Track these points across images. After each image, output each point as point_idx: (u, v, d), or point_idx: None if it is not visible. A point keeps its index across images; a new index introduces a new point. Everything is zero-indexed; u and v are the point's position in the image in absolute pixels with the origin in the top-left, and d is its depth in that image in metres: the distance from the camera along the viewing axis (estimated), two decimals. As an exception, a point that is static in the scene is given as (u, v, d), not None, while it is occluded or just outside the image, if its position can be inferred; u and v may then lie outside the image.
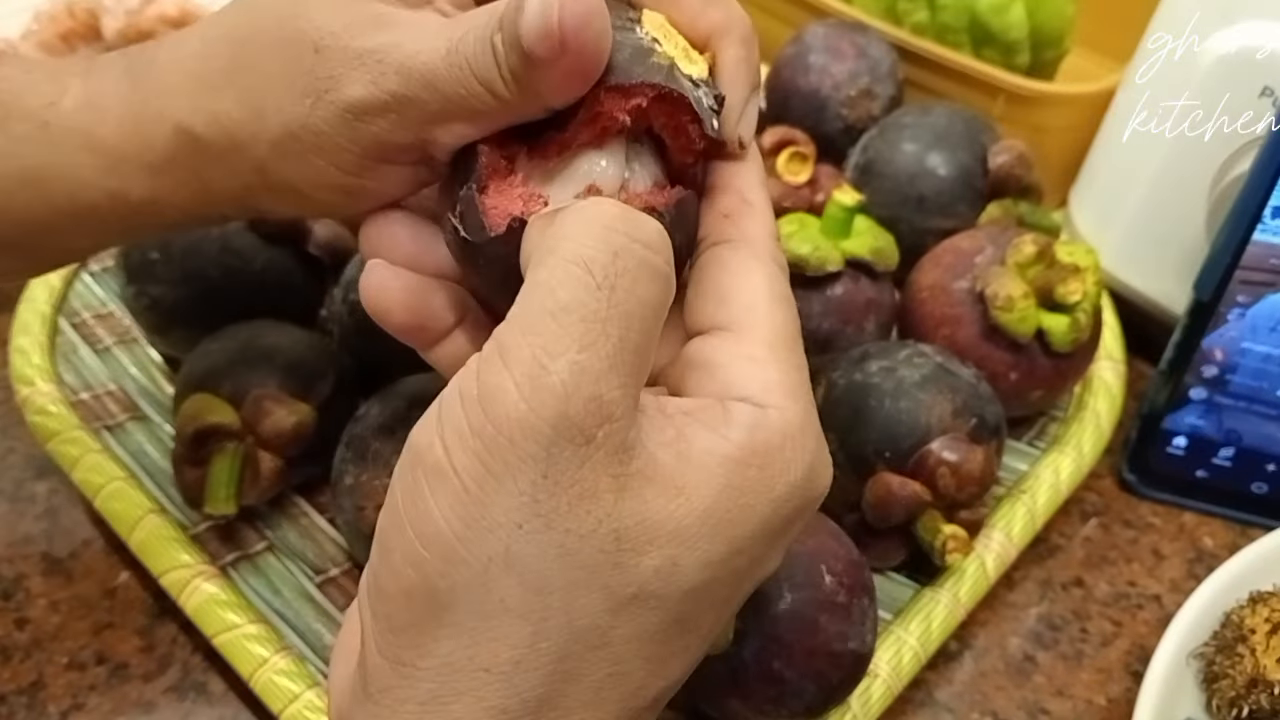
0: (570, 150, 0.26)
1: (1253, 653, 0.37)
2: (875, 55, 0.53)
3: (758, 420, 0.23)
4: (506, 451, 0.20)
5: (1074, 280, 0.42)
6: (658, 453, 0.22)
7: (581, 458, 0.20)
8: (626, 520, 0.21)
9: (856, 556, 0.35)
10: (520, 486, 0.20)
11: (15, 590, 0.41)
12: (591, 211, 0.22)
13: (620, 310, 0.21)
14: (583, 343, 0.20)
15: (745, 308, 0.25)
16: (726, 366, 0.24)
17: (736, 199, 0.27)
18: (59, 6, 0.63)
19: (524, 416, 0.20)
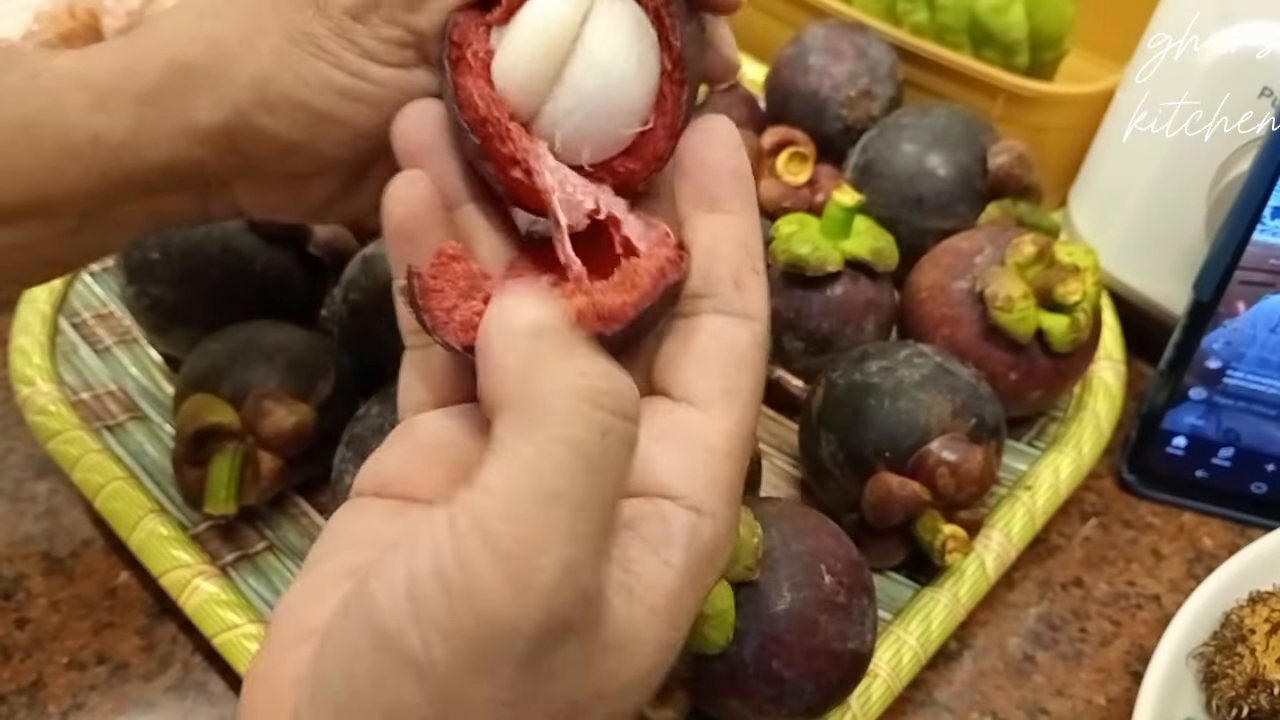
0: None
1: (1252, 653, 0.37)
2: (875, 56, 0.53)
3: (695, 532, 0.24)
4: (489, 651, 0.20)
5: (1073, 280, 0.42)
6: (615, 606, 0.22)
7: (561, 643, 0.20)
8: (584, 695, 0.22)
9: (856, 556, 0.35)
10: (499, 681, 0.20)
11: (15, 590, 0.41)
12: (578, 385, 0.21)
13: (607, 493, 0.21)
14: (572, 534, 0.20)
15: (727, 392, 0.25)
16: (683, 449, 0.24)
17: (749, 266, 0.26)
18: (59, 6, 0.63)
19: (512, 619, 0.19)
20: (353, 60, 0.28)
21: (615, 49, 0.26)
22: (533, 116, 0.27)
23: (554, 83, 0.26)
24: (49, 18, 0.63)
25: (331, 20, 0.28)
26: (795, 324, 0.45)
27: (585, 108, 0.26)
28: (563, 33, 0.26)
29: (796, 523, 0.35)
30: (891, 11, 0.59)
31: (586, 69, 0.26)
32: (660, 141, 0.27)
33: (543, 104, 0.26)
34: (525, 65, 0.26)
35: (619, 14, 0.27)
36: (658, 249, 0.26)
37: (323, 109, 0.29)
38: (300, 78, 0.28)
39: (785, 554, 0.33)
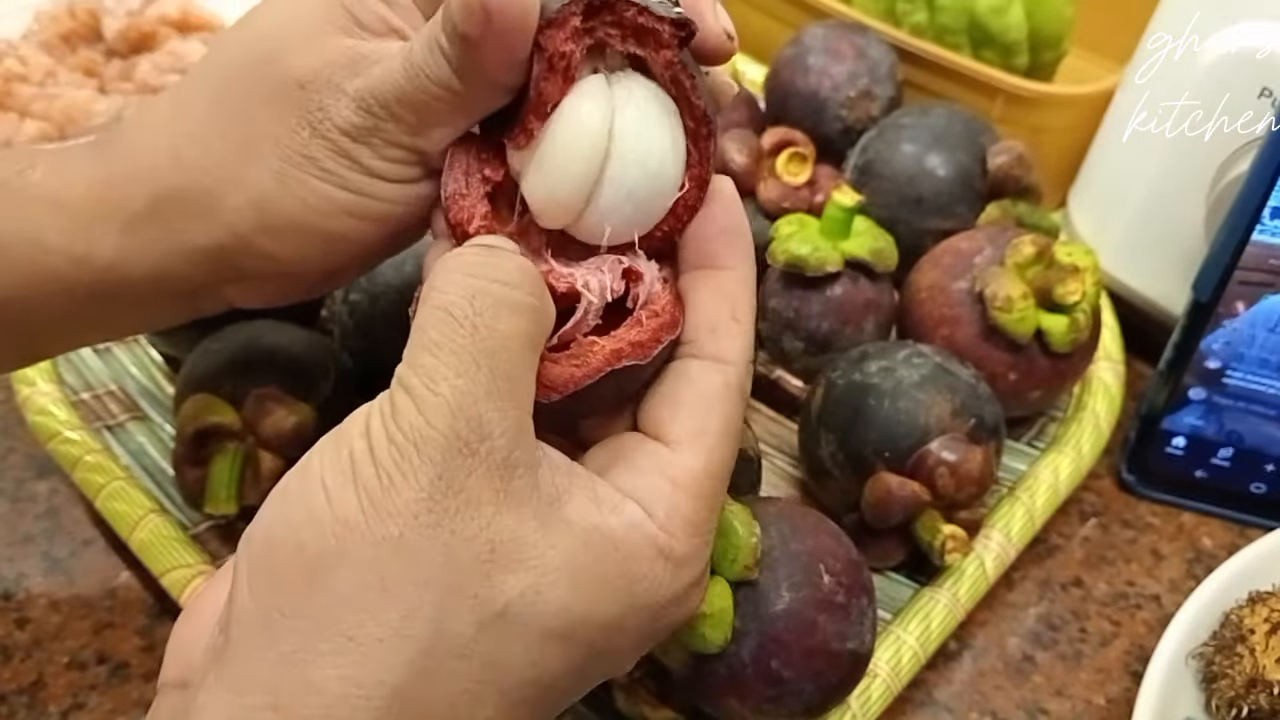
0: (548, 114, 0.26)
1: (1252, 653, 0.37)
2: (874, 56, 0.53)
3: (641, 526, 0.25)
4: (412, 455, 0.23)
5: (1073, 281, 0.42)
6: (542, 488, 0.24)
7: (469, 468, 0.23)
8: (503, 533, 0.23)
9: (855, 556, 0.35)
10: (421, 484, 0.23)
11: (16, 590, 0.41)
12: (453, 262, 0.25)
13: (485, 344, 0.24)
14: (458, 371, 0.23)
15: (695, 433, 0.26)
16: (647, 477, 0.26)
17: (727, 314, 0.28)
18: (59, 7, 0.64)
19: (422, 427, 0.23)
20: (357, 179, 0.28)
21: (649, 139, 0.27)
22: (575, 221, 0.27)
23: (595, 186, 0.27)
24: (49, 18, 0.63)
25: (330, 141, 0.28)
26: (795, 324, 0.45)
27: (632, 201, 0.27)
28: (598, 141, 0.26)
29: (796, 522, 0.35)
30: (891, 12, 0.59)
31: (626, 167, 0.27)
32: (693, 196, 0.28)
33: (586, 208, 0.27)
34: (568, 181, 0.26)
35: (640, 99, 0.27)
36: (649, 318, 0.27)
37: (331, 230, 0.29)
38: (303, 201, 0.28)
39: (784, 554, 0.33)
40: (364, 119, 0.27)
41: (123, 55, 0.63)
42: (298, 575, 0.22)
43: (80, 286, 0.29)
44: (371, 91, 0.27)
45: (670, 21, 0.27)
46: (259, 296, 0.32)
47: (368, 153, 0.28)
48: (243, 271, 0.30)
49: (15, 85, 0.58)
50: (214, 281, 0.31)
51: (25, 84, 0.59)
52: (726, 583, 0.33)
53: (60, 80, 0.60)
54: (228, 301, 0.32)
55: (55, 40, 0.62)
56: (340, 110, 0.27)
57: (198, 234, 0.29)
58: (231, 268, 0.30)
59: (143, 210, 0.29)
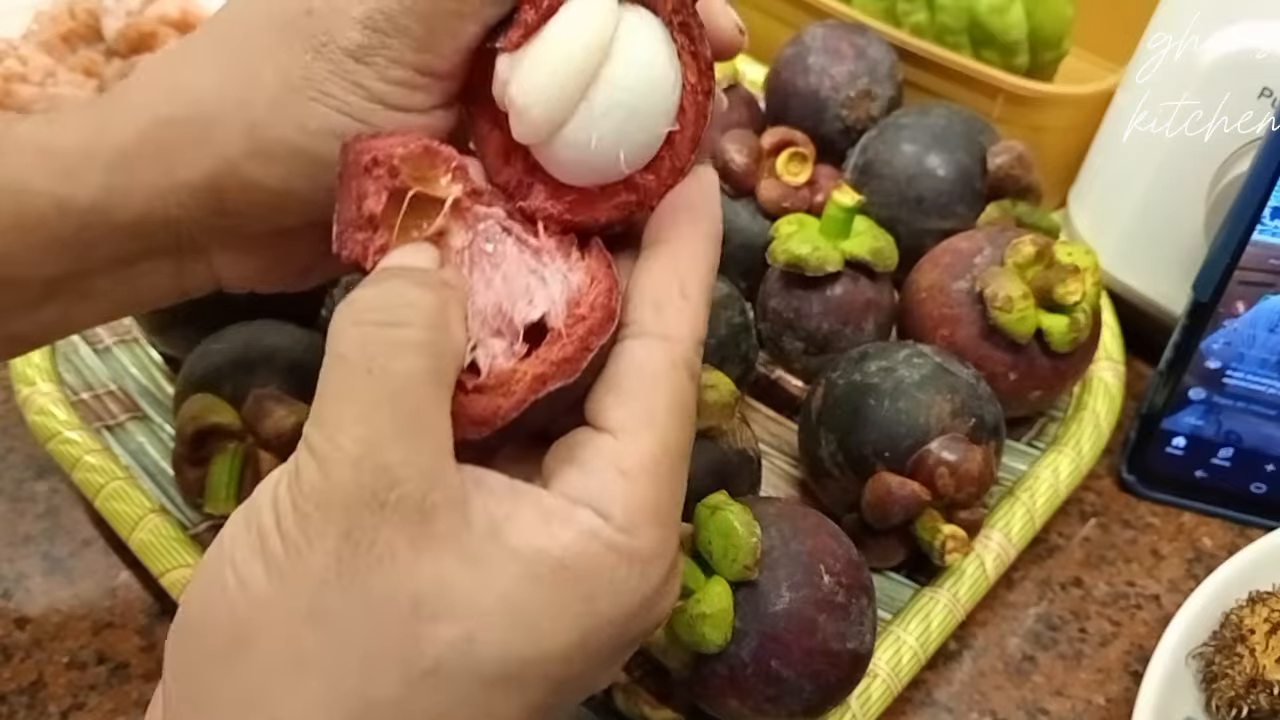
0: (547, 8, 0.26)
1: (1252, 653, 0.37)
2: (874, 56, 0.53)
3: (595, 533, 0.23)
4: (316, 518, 0.22)
5: (1073, 281, 0.42)
6: (474, 523, 0.23)
7: (378, 522, 0.22)
8: (424, 584, 0.22)
9: (855, 556, 0.35)
10: (327, 547, 0.22)
11: (15, 590, 0.41)
12: (345, 309, 0.24)
13: (384, 388, 0.23)
14: (357, 419, 0.22)
15: (640, 415, 0.25)
16: (597, 474, 0.24)
17: (674, 288, 0.26)
18: (59, 7, 0.63)
19: (323, 487, 0.22)
20: (359, 104, 0.27)
21: (653, 48, 0.26)
22: (558, 131, 0.26)
23: (590, 86, 0.26)
24: (49, 18, 0.63)
25: (333, 63, 0.27)
26: (795, 324, 0.45)
27: (625, 105, 0.26)
28: (599, 39, 0.26)
29: (796, 522, 0.35)
30: (891, 12, 0.59)
31: (627, 65, 0.26)
32: (681, 153, 0.27)
33: (573, 116, 0.26)
34: (561, 76, 0.25)
35: (647, 19, 0.26)
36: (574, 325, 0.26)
37: (323, 154, 0.27)
38: (300, 125, 0.27)
39: (784, 554, 0.33)
40: (368, 37, 0.27)
41: (123, 55, 0.63)
42: (215, 660, 0.22)
43: (62, 236, 0.28)
44: (378, 6, 0.27)
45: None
46: (242, 269, 0.31)
47: (371, 74, 0.27)
48: (231, 215, 0.29)
49: (15, 85, 0.58)
50: (199, 233, 0.29)
51: (25, 84, 0.59)
52: (726, 583, 0.33)
53: (60, 80, 0.60)
54: (213, 276, 0.31)
55: (55, 40, 0.62)
56: (345, 32, 0.27)
57: (187, 165, 0.28)
58: (217, 209, 0.29)
59: (132, 143, 0.28)
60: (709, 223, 0.27)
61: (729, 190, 0.48)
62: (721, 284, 0.44)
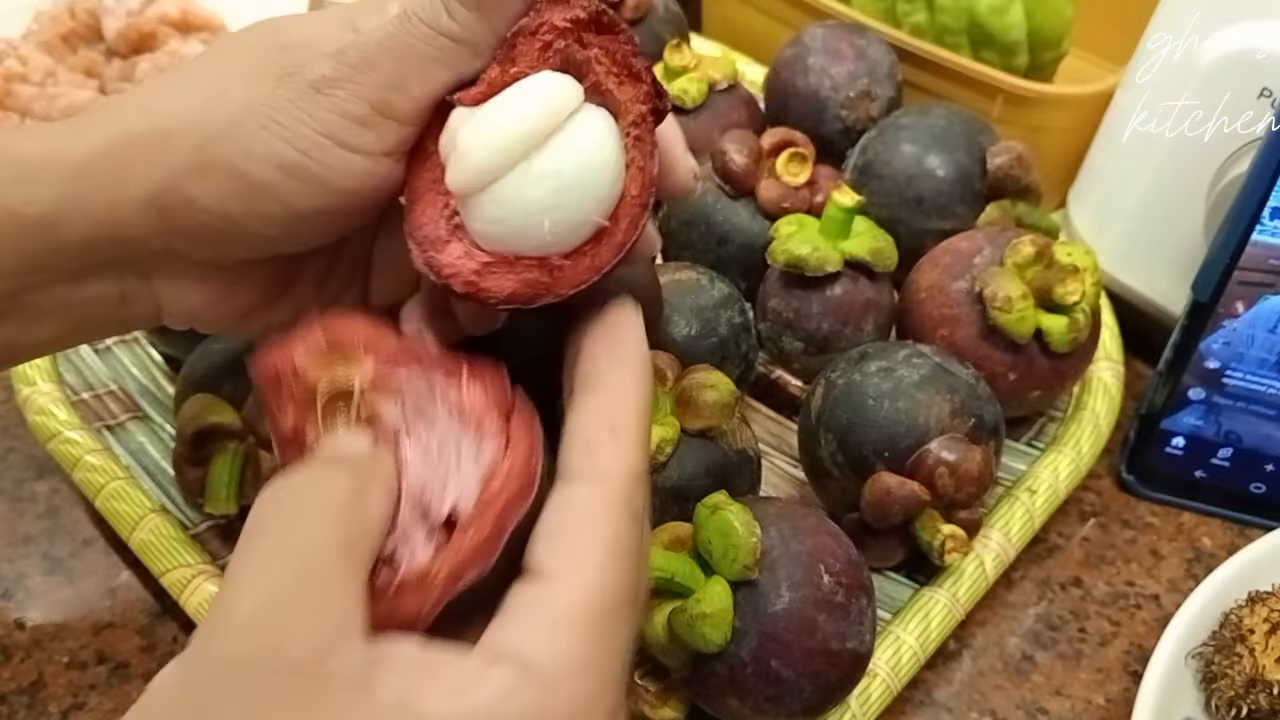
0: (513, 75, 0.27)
1: (1251, 653, 0.37)
2: (874, 56, 0.53)
3: (512, 689, 0.21)
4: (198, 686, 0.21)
5: (1072, 281, 0.42)
6: (377, 695, 0.21)
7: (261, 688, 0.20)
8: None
9: (855, 556, 0.35)
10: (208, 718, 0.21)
11: (16, 590, 0.41)
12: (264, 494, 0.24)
13: (283, 551, 0.22)
14: (252, 584, 0.22)
15: (571, 560, 0.23)
16: (523, 621, 0.22)
17: (604, 428, 0.25)
18: (60, 7, 0.64)
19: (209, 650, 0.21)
20: (306, 135, 0.27)
21: (603, 140, 0.27)
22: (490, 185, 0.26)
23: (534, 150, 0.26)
24: (49, 18, 0.63)
25: (293, 91, 0.27)
26: (794, 324, 0.45)
27: (562, 177, 0.26)
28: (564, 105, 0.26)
29: (796, 522, 0.35)
30: (891, 12, 0.59)
31: (574, 143, 0.26)
32: (603, 255, 0.27)
33: (509, 174, 0.26)
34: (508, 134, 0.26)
35: (606, 118, 0.27)
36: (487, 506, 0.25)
37: (259, 181, 0.27)
38: (244, 147, 0.27)
39: (784, 553, 0.34)
40: (336, 69, 0.27)
41: (123, 55, 0.63)
42: None
43: (11, 244, 0.28)
44: (353, 43, 0.27)
45: (655, 81, 0.27)
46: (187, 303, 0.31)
47: (327, 106, 0.27)
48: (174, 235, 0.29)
49: (15, 85, 0.58)
50: (145, 256, 0.29)
51: (25, 84, 0.59)
52: (726, 582, 0.33)
53: (60, 80, 0.60)
54: (157, 308, 0.31)
55: (55, 40, 0.62)
56: (314, 64, 0.27)
57: (137, 179, 0.28)
58: (159, 229, 0.29)
59: (93, 155, 0.28)
60: (635, 359, 0.26)
61: (729, 190, 0.48)
62: (721, 284, 0.44)
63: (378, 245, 0.34)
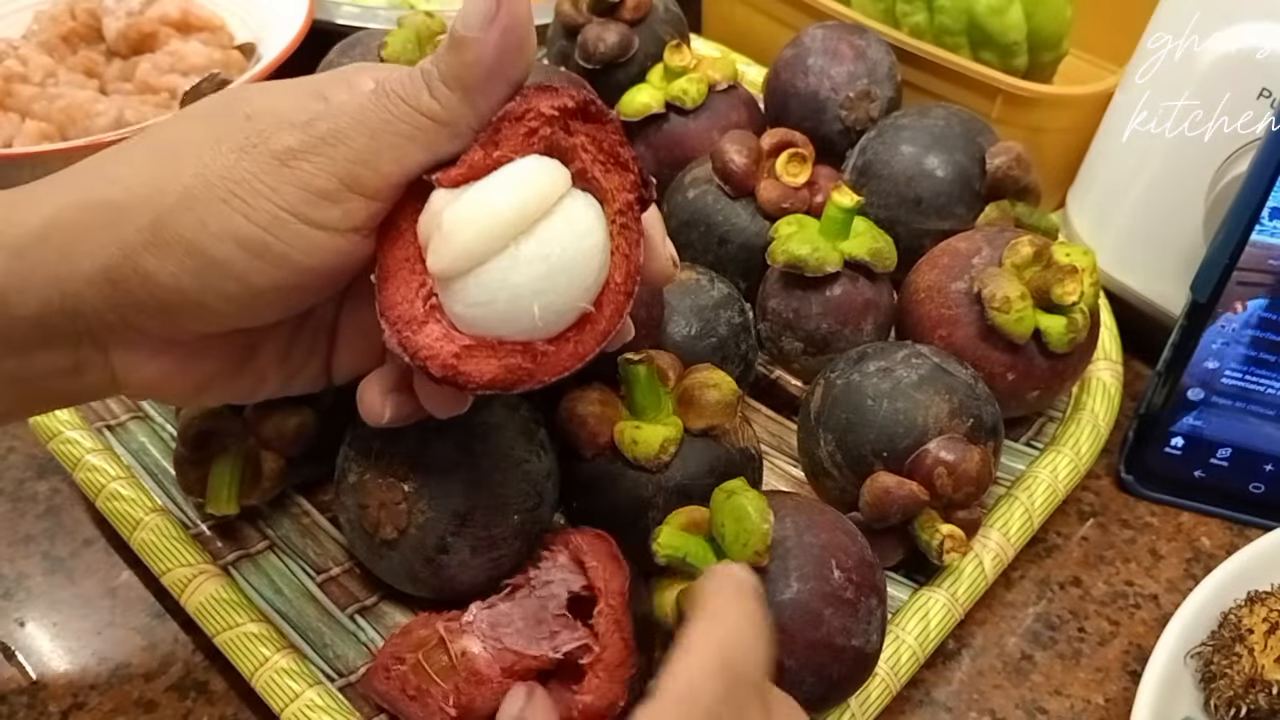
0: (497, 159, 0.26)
1: (1250, 652, 0.37)
2: (874, 57, 0.53)
3: None
4: None
5: (1071, 281, 0.42)
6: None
7: None
8: None
9: (869, 556, 0.35)
10: None
11: (16, 589, 0.42)
12: None
13: None
14: None
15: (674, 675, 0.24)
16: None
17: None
18: (60, 7, 0.64)
19: None
20: (266, 210, 0.26)
21: (590, 225, 0.27)
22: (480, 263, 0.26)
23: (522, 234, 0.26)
24: (49, 18, 0.63)
25: (256, 164, 0.26)
26: (794, 324, 0.45)
27: (550, 262, 0.26)
28: (552, 190, 0.26)
29: (812, 516, 0.35)
30: (890, 13, 0.59)
31: (563, 228, 0.26)
32: (587, 342, 0.27)
33: (502, 252, 0.26)
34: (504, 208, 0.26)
35: (593, 204, 0.27)
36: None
37: (218, 258, 0.26)
38: (201, 221, 0.26)
39: (797, 544, 0.34)
40: (303, 140, 0.26)
41: (123, 56, 0.63)
42: None
43: None
44: (322, 114, 0.26)
45: (641, 170, 0.27)
46: (142, 375, 0.30)
47: (291, 180, 0.26)
48: (128, 310, 0.28)
49: (16, 85, 0.59)
50: (98, 328, 0.28)
51: (26, 84, 0.59)
52: None
53: (61, 81, 0.60)
54: (113, 379, 0.30)
55: (56, 41, 0.63)
56: (280, 135, 0.26)
57: (87, 254, 0.27)
58: (114, 303, 0.27)
59: (39, 228, 0.27)
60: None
61: (729, 191, 0.48)
62: (721, 284, 0.44)
63: (343, 317, 0.33)
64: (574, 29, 0.56)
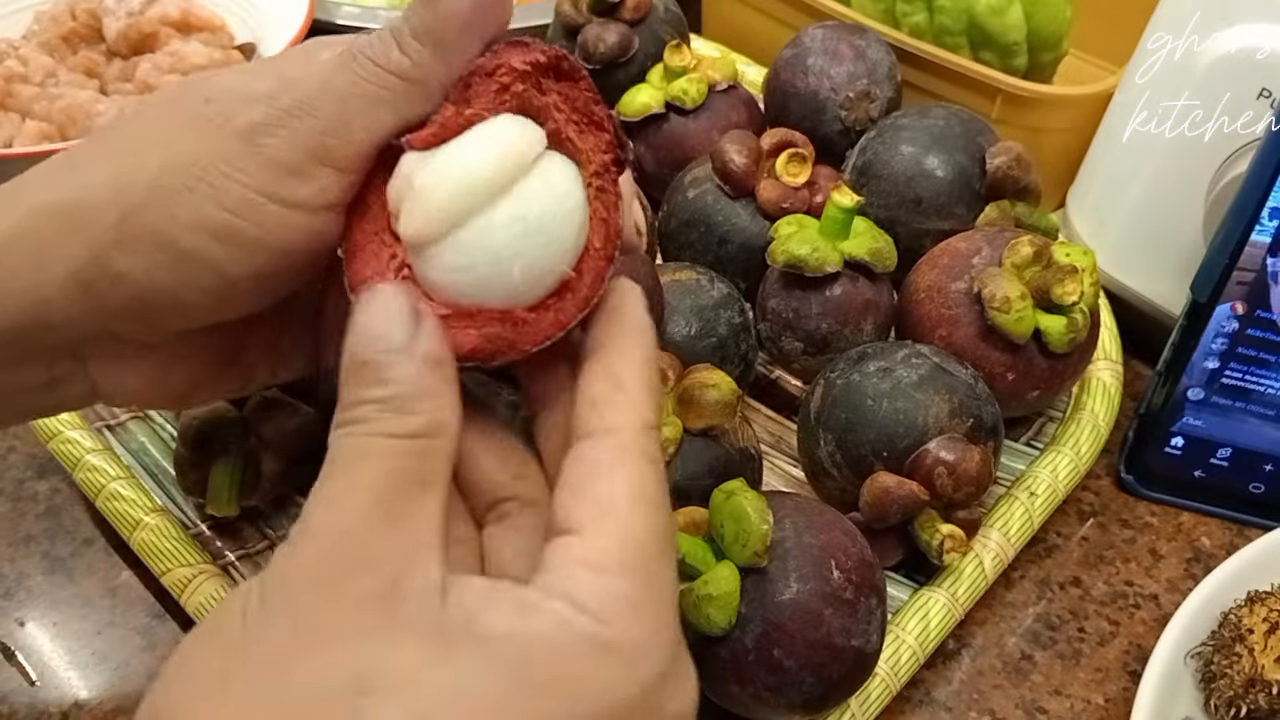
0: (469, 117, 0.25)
1: (1250, 652, 0.37)
2: (874, 57, 0.53)
3: (569, 622, 0.22)
4: (276, 597, 0.22)
5: (1071, 281, 0.42)
6: (449, 612, 0.22)
7: (337, 603, 0.21)
8: (373, 662, 0.21)
9: (869, 557, 0.35)
10: (282, 624, 0.21)
11: (16, 589, 0.42)
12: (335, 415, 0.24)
13: (360, 481, 0.22)
14: (328, 506, 0.22)
15: (597, 509, 0.24)
16: (565, 571, 0.23)
17: (609, 384, 0.25)
18: (60, 7, 0.64)
19: (287, 566, 0.22)
20: (236, 193, 0.25)
21: (567, 186, 0.26)
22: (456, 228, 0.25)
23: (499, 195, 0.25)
24: (50, 18, 0.63)
25: (219, 143, 0.25)
26: (794, 324, 0.45)
27: (529, 222, 0.25)
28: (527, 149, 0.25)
29: (812, 517, 0.35)
30: (890, 13, 0.59)
31: (540, 188, 0.25)
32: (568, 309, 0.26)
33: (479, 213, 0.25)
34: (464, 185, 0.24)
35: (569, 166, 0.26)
36: None
37: (189, 249, 0.25)
38: (169, 213, 0.25)
39: (796, 545, 0.34)
40: (267, 114, 0.25)
41: (123, 56, 0.63)
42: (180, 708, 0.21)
43: None
44: (285, 85, 0.25)
45: (617, 130, 0.26)
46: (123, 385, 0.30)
47: (259, 158, 0.25)
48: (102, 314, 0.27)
49: (16, 86, 0.59)
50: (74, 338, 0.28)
51: (26, 84, 0.59)
52: (735, 567, 0.33)
53: (61, 81, 0.60)
54: (92, 390, 0.29)
55: (56, 41, 0.63)
56: (243, 109, 0.25)
57: (58, 258, 0.26)
58: (87, 308, 0.26)
59: (7, 236, 0.26)
60: (634, 320, 0.26)
61: (729, 191, 0.48)
62: (721, 284, 0.44)
63: (327, 302, 0.32)
64: (574, 29, 0.56)
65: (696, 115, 0.53)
